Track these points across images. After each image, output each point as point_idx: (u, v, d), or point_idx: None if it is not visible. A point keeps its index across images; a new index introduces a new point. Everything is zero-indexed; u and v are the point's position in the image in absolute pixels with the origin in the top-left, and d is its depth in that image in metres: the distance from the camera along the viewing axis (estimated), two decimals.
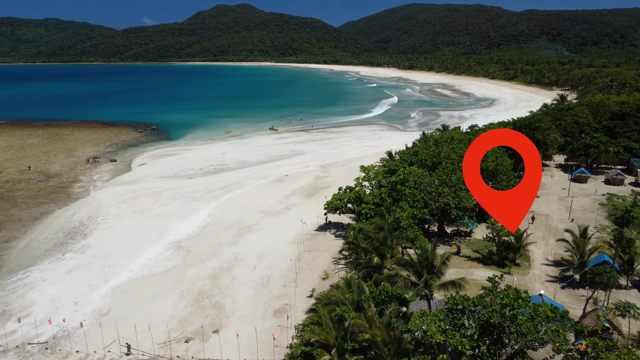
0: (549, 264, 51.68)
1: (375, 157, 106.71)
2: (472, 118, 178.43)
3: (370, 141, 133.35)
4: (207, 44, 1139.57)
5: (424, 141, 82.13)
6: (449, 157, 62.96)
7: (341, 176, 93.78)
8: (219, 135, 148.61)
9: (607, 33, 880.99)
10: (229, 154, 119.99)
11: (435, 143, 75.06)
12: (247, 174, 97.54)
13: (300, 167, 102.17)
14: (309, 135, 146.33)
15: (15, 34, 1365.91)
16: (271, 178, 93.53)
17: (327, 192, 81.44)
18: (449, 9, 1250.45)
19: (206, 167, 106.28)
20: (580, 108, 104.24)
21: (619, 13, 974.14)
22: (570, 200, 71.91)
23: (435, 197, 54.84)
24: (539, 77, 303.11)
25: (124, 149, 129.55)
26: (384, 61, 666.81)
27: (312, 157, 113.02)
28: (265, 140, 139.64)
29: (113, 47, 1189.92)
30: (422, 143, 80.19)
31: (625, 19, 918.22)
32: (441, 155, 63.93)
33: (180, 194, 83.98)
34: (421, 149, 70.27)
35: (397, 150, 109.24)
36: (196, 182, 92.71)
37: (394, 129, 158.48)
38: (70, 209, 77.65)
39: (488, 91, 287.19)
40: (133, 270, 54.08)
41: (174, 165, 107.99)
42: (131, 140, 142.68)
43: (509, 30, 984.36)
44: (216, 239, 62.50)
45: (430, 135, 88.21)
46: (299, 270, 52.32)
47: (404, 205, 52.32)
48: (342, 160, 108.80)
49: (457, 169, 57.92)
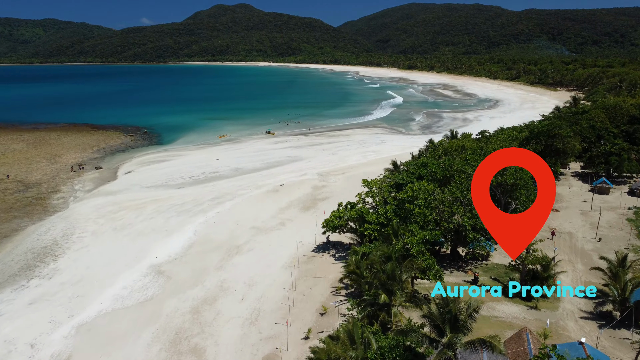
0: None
1: (377, 165, 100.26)
2: (476, 120, 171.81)
3: (371, 146, 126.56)
4: (206, 44, 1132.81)
5: (432, 150, 75.27)
6: (462, 170, 56.14)
7: (341, 185, 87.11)
8: (213, 140, 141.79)
9: (607, 32, 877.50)
10: (222, 160, 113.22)
11: (445, 152, 68.31)
12: (240, 183, 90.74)
13: (297, 175, 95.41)
14: (307, 140, 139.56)
15: (13, 35, 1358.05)
16: (265, 188, 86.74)
17: (325, 205, 74.75)
18: (448, 9, 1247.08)
19: (197, 175, 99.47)
20: (597, 112, 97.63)
21: (619, 12, 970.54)
22: (594, 215, 65.16)
23: (449, 217, 48.13)
24: (542, 77, 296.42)
25: (111, 155, 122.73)
26: (384, 61, 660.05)
27: (309, 164, 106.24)
28: (261, 144, 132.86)
29: (111, 47, 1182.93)
30: (430, 152, 73.36)
31: (625, 18, 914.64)
32: (453, 167, 57.08)
33: (166, 206, 77.16)
34: (430, 159, 63.47)
35: (401, 156, 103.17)
36: (185, 192, 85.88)
37: (396, 132, 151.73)
38: (45, 225, 70.80)
39: (491, 92, 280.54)
40: (104, 302, 47.26)
41: (162, 173, 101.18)
42: (120, 145, 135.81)
43: (509, 29, 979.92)
44: (201, 262, 55.70)
45: (439, 143, 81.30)
46: (294, 302, 45.57)
47: (414, 228, 45.56)
48: (341, 167, 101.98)
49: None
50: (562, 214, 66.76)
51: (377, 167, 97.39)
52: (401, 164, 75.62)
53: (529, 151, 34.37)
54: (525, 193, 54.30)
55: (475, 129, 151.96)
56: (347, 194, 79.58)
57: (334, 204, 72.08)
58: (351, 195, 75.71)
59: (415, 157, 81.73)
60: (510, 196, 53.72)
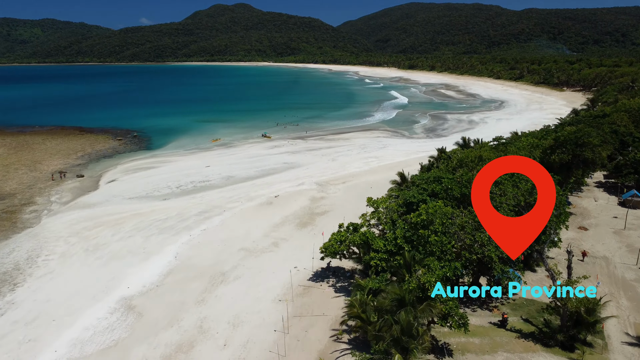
0: (633, 342, 37.21)
1: (380, 173, 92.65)
2: (482, 123, 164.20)
3: (373, 151, 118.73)
4: (204, 44, 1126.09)
5: (444, 161, 67.36)
6: None
7: (341, 197, 79.35)
8: (206, 144, 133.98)
9: (608, 32, 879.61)
10: (213, 167, 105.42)
11: (459, 164, 60.48)
12: (231, 194, 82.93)
13: (293, 185, 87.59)
14: (305, 144, 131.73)
15: (12, 35, 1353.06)
16: (258, 200, 78.92)
17: (324, 220, 67.12)
18: (448, 8, 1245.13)
19: (185, 184, 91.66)
20: (619, 115, 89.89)
21: (619, 12, 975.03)
22: (630, 235, 57.42)
23: (471, 246, 40.36)
24: (547, 77, 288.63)
25: (96, 161, 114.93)
26: (384, 61, 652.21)
27: (307, 172, 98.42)
28: (256, 149, 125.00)
29: (109, 47, 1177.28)
30: (443, 164, 65.45)
31: (625, 17, 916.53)
32: (472, 184, 49.22)
33: (147, 222, 69.32)
34: (444, 172, 55.64)
35: (406, 163, 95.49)
36: (170, 205, 78.07)
37: (399, 136, 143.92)
38: (10, 245, 62.98)
39: (495, 92, 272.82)
40: (58, 349, 39.40)
41: (148, 182, 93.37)
42: (107, 150, 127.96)
43: (509, 29, 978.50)
44: (180, 293, 47.91)
45: (452, 153, 73.39)
46: (285, 351, 37.76)
47: (431, 262, 37.75)
48: (342, 175, 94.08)
49: (498, 205, 43.26)
50: (593, 234, 58.95)
51: (381, 176, 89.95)
52: (411, 177, 67.59)
53: (527, 158, 37.25)
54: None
55: (483, 132, 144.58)
56: (349, 207, 72.19)
57: (334, 219, 64.73)
58: (353, 209, 68.59)
59: (425, 167, 73.75)
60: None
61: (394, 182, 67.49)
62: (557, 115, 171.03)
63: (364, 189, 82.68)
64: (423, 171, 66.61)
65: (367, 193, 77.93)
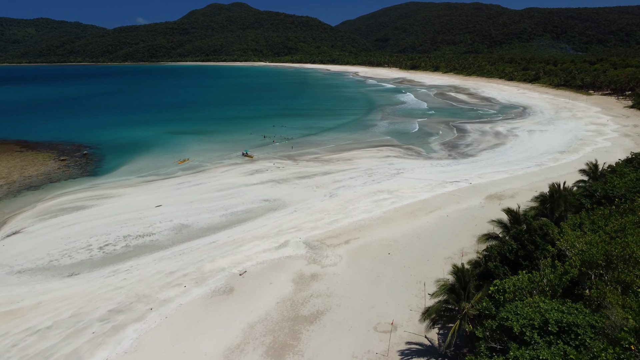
0: None
1: (399, 222, 63.67)
2: (512, 135, 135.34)
3: (384, 180, 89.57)
4: (199, 44, 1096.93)
5: (550, 267, 36.08)
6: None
7: (344, 275, 50.32)
8: (168, 167, 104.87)
9: (612, 31, 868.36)
10: (166, 206, 76.32)
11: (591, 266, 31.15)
12: (175, 266, 53.74)
13: (272, 246, 58.48)
14: (295, 167, 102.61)
15: (5, 34, 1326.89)
16: (214, 282, 49.74)
17: (316, 337, 38.37)
18: (447, 7, 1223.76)
19: (114, 241, 62.48)
20: None
21: (622, 11, 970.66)
22: None
23: None
24: (569, 79, 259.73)
25: (14, 196, 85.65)
26: (384, 60, 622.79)
27: (294, 218, 69.27)
28: (231, 176, 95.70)
29: (102, 46, 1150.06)
30: (549, 271, 34.45)
31: (629, 16, 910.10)
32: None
33: (11, 340, 40.19)
34: (548, 301, 26.18)
35: (433, 201, 66.24)
36: (70, 291, 48.90)
37: (414, 155, 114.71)
38: None
39: (512, 96, 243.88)
40: None
41: (63, 237, 64.15)
42: (38, 176, 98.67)
43: (511, 28, 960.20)
44: None
45: (558, 236, 43.20)
46: None
47: None
48: (344, 227, 64.76)
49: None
50: None
51: (400, 229, 61.50)
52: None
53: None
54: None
55: (517, 148, 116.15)
56: (357, 299, 44.02)
57: (334, 334, 36.65)
58: (364, 304, 41.04)
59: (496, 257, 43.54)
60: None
61: (454, 272, 37.58)
62: (598, 126, 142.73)
63: (379, 258, 53.99)
64: (494, 264, 36.35)
65: (384, 268, 49.15)
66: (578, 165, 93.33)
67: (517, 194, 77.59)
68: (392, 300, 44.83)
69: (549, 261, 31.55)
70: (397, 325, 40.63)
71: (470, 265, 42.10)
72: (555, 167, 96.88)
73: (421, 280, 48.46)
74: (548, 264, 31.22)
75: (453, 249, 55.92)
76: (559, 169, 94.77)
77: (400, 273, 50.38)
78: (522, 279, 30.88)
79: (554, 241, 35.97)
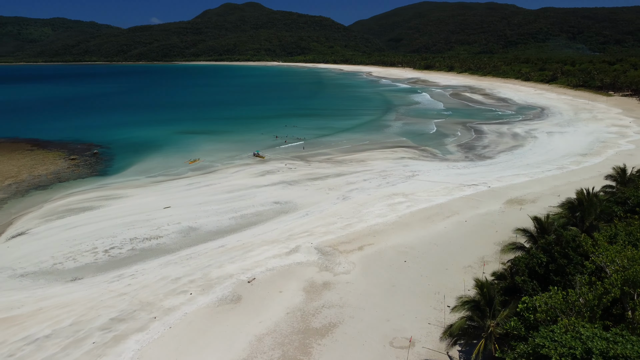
0: None
1: (415, 227, 61.02)
2: (530, 137, 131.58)
3: (399, 182, 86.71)
4: (212, 43, 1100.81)
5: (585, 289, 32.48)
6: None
7: (358, 284, 47.70)
8: (178, 167, 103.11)
9: (630, 31, 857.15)
10: (175, 208, 74.34)
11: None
12: (181, 272, 51.50)
13: (282, 251, 56.07)
14: (307, 168, 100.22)
15: (22, 34, 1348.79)
16: (220, 289, 47.40)
17: (328, 352, 35.72)
18: (461, 7, 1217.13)
19: (120, 244, 60.54)
20: None
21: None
22: None
23: None
24: (587, 80, 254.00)
25: (22, 195, 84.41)
26: (398, 60, 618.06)
27: (306, 222, 66.77)
28: (242, 177, 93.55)
29: (116, 46, 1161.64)
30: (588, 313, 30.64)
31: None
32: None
33: (3, 353, 38.28)
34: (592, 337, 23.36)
35: (450, 205, 63.39)
36: (72, 297, 46.96)
37: (429, 157, 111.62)
38: None
39: (529, 96, 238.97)
40: None
41: (68, 239, 62.39)
42: (47, 175, 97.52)
43: (526, 28, 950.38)
44: None
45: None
46: None
47: None
48: (357, 232, 62.03)
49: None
50: None
51: (417, 235, 58.86)
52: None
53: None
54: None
55: (537, 150, 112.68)
56: (371, 311, 41.33)
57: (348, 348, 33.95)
58: (379, 316, 38.63)
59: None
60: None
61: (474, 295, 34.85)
62: (620, 128, 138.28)
63: (394, 266, 51.34)
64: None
65: (400, 277, 46.57)
66: (601, 169, 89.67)
67: (538, 199, 74.30)
68: (409, 313, 42.14)
69: (587, 278, 28.74)
70: (415, 341, 37.95)
71: (494, 278, 39.30)
72: (577, 170, 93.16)
73: (439, 291, 45.72)
74: (585, 282, 28.40)
75: (473, 257, 53.02)
76: (581, 172, 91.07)
77: (417, 283, 47.66)
78: (555, 297, 28.05)
79: (587, 254, 33.08)
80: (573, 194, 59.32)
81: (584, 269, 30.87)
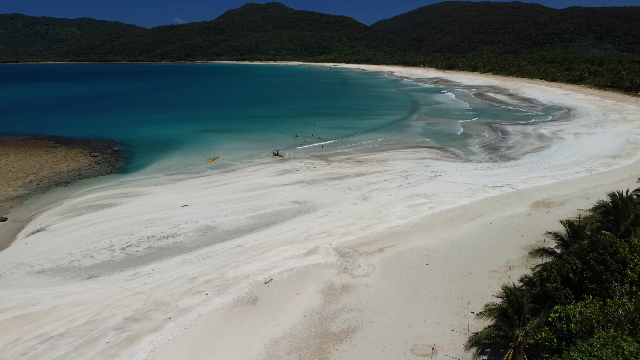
0: None
1: (437, 229, 59.05)
2: (556, 138, 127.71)
3: (420, 183, 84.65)
4: (235, 43, 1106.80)
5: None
6: None
7: (378, 288, 46.05)
8: (198, 165, 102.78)
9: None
10: (193, 206, 73.72)
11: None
12: (197, 271, 50.61)
13: (300, 252, 54.77)
14: (326, 167, 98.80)
15: (49, 33, 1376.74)
16: (237, 290, 46.33)
17: (348, 356, 34.37)
18: (486, 7, 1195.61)
19: (137, 242, 60.02)
20: None
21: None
22: None
23: None
24: (616, 80, 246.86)
25: (42, 192, 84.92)
26: (420, 60, 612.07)
27: (325, 222, 65.33)
28: (261, 176, 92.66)
29: (140, 45, 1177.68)
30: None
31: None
32: None
33: (17, 351, 37.75)
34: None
35: (474, 207, 61.37)
36: (87, 295, 46.41)
37: (452, 157, 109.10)
38: None
39: (555, 97, 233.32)
40: None
41: (86, 237, 62.18)
42: (69, 172, 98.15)
43: (552, 28, 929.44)
44: None
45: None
46: None
47: None
48: (378, 233, 60.36)
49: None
50: None
51: (439, 237, 56.94)
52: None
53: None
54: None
55: (564, 152, 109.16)
56: (392, 316, 39.52)
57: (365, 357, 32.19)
58: (400, 321, 36.96)
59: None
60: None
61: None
62: None
63: (416, 269, 49.53)
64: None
65: (422, 281, 44.79)
66: (633, 171, 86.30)
67: (566, 202, 71.47)
68: (431, 319, 40.36)
69: (627, 288, 26.71)
70: (438, 349, 36.20)
71: (522, 284, 37.26)
72: (607, 172, 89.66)
73: (463, 296, 43.82)
74: (626, 291, 26.38)
75: (498, 262, 50.89)
76: (611, 174, 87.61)
77: (440, 287, 45.81)
78: (591, 306, 26.06)
79: (625, 261, 30.92)
80: (603, 197, 56.94)
81: (623, 278, 28.80)
